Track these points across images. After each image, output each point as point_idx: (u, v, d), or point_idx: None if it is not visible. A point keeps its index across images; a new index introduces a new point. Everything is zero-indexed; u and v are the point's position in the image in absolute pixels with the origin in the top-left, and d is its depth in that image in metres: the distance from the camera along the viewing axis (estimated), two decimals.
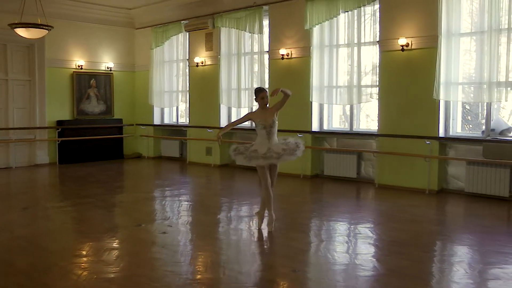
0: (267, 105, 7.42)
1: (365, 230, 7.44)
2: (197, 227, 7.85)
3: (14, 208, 9.09)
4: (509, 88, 9.21)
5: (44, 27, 11.56)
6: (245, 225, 7.83)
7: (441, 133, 10.20)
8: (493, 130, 9.79)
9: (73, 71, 15.33)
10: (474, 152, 9.91)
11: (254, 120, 7.40)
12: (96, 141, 15.59)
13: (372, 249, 6.56)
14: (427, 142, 10.21)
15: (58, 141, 14.86)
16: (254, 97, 7.49)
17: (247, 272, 5.63)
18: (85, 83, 15.61)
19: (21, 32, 11.54)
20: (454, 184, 10.34)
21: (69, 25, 15.06)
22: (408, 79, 10.47)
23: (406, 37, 10.37)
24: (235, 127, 9.29)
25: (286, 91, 7.20)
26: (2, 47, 14.09)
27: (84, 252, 6.40)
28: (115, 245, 6.79)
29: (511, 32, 9.10)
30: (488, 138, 9.73)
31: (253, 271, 5.66)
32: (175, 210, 8.97)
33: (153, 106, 16.26)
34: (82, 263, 5.93)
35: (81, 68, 15.45)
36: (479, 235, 7.31)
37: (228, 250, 6.66)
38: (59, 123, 14.97)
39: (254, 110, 7.54)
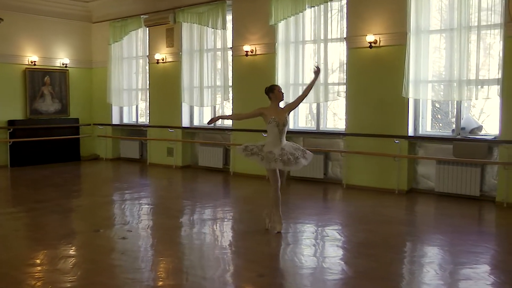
0: (277, 104, 7.44)
1: (333, 232, 7.49)
2: (159, 232, 7.78)
3: None
4: (479, 86, 9.41)
5: None
6: (209, 229, 7.81)
7: (411, 132, 10.36)
8: (463, 128, 9.99)
9: (26, 68, 15.03)
10: (444, 151, 10.09)
11: (267, 117, 7.34)
12: (51, 142, 15.31)
13: (340, 252, 6.61)
14: (396, 141, 10.36)
15: (10, 142, 14.54)
16: (269, 94, 7.47)
17: (211, 277, 5.60)
18: (39, 80, 15.32)
19: None
20: (424, 184, 10.51)
21: (21, 18, 14.74)
22: (377, 77, 10.60)
23: (374, 34, 10.49)
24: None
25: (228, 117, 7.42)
26: None
27: (38, 261, 6.26)
28: (71, 252, 6.67)
29: (481, 29, 9.31)
30: (459, 137, 9.92)
31: (218, 277, 5.63)
32: (135, 214, 8.88)
33: (112, 105, 16.06)
34: (36, 272, 5.79)
35: (34, 65, 15.15)
36: (449, 235, 7.44)
37: (191, 255, 6.62)
38: (11, 123, 14.66)
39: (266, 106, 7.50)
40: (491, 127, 10.26)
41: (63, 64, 15.86)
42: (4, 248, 6.84)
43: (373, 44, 10.51)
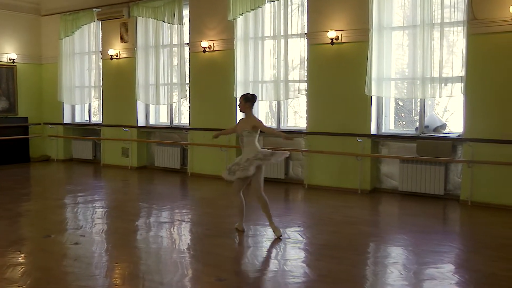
0: (251, 113, 7.51)
1: (295, 234, 7.55)
2: (113, 236, 7.70)
3: None
4: (443, 84, 9.62)
5: None
6: (166, 232, 7.76)
7: (373, 131, 10.51)
8: (427, 127, 10.18)
9: None
10: (408, 150, 10.28)
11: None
12: None
13: (302, 254, 6.66)
14: (359, 140, 10.49)
15: None
16: (251, 103, 7.52)
17: (169, 282, 5.57)
18: None
19: None
20: (387, 183, 10.68)
21: None
22: (338, 74, 10.71)
23: (335, 30, 10.59)
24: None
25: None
26: None
27: None
28: (20, 260, 6.53)
29: (444, 26, 9.51)
30: (422, 135, 10.11)
31: (175, 282, 5.60)
32: (89, 218, 8.75)
33: (63, 103, 15.82)
34: None
35: None
36: (413, 235, 7.58)
37: (147, 259, 6.56)
38: None
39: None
40: (455, 125, 10.49)
41: (10, 60, 15.52)
42: None
43: (334, 41, 10.62)
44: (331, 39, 10.60)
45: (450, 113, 11.61)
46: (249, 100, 7.46)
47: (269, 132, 7.89)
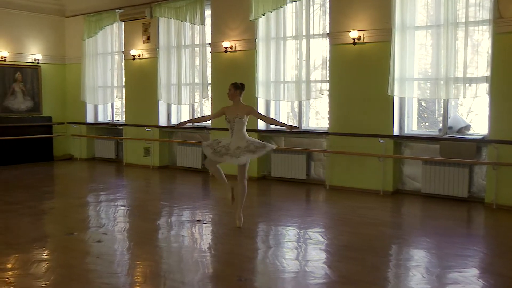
0: (239, 101, 7.98)
1: (316, 234, 7.50)
2: (135, 235, 7.73)
3: None
4: (467, 84, 9.47)
5: None
6: (187, 231, 7.79)
7: (396, 131, 10.42)
8: (450, 128, 10.06)
9: None
10: (431, 151, 10.16)
11: (226, 114, 7.97)
12: (23, 142, 15.15)
13: (323, 255, 6.63)
14: (381, 141, 10.40)
15: None
16: (240, 90, 8.08)
17: (190, 282, 5.58)
18: (10, 77, 15.15)
19: None
20: (410, 185, 10.58)
21: None
22: (361, 75, 10.64)
23: (358, 30, 10.52)
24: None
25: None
26: None
27: (9, 265, 6.18)
28: (44, 256, 6.61)
29: (469, 25, 9.37)
30: (446, 136, 9.99)
31: (197, 281, 5.60)
32: (111, 217, 8.81)
33: (86, 102, 15.94)
34: (7, 277, 5.72)
35: (5, 60, 14.98)
36: (437, 237, 7.48)
37: (169, 258, 6.59)
38: None
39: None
40: (479, 126, 10.36)
41: (35, 60, 15.69)
42: None
43: (357, 41, 10.55)
44: (353, 39, 10.54)
45: (474, 114, 11.47)
46: (238, 88, 7.97)
47: (264, 119, 8.26)
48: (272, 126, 11.93)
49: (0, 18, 14.89)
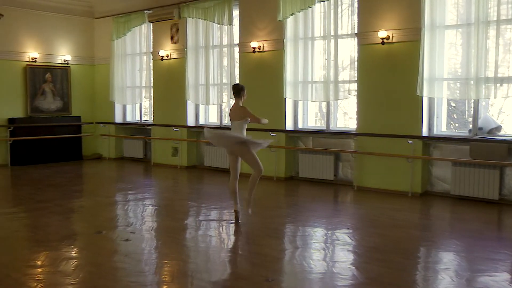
0: (240, 102, 8.21)
1: (343, 236, 7.46)
2: (163, 234, 7.78)
3: None
4: (498, 84, 9.32)
5: None
6: (215, 231, 7.81)
7: (425, 132, 10.31)
8: (480, 128, 9.91)
9: (26, 64, 15.08)
10: (461, 152, 10.03)
11: (229, 113, 8.28)
12: (52, 141, 15.38)
13: (351, 256, 6.59)
14: (410, 142, 10.31)
15: (10, 141, 14.60)
16: (242, 92, 8.25)
17: (217, 281, 5.60)
18: (40, 77, 15.36)
19: None
20: (439, 186, 10.45)
21: (21, 13, 14.81)
22: (389, 75, 10.56)
23: (386, 30, 10.45)
24: None
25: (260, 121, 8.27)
26: None
27: (39, 262, 6.29)
28: (73, 254, 6.69)
29: (500, 24, 9.23)
30: (476, 137, 9.84)
31: (224, 281, 5.63)
32: (139, 216, 8.88)
33: (115, 102, 16.10)
34: (37, 274, 5.82)
35: (35, 61, 15.20)
36: (466, 240, 7.38)
37: (196, 258, 6.61)
38: (11, 121, 14.71)
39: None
40: (510, 127, 10.18)
41: (64, 61, 15.90)
42: (5, 250, 6.88)
43: (385, 40, 10.47)
44: (382, 39, 10.46)
45: (505, 115, 11.29)
46: (236, 89, 8.21)
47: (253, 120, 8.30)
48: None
49: (31, 20, 15.12)
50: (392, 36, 10.43)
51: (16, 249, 6.94)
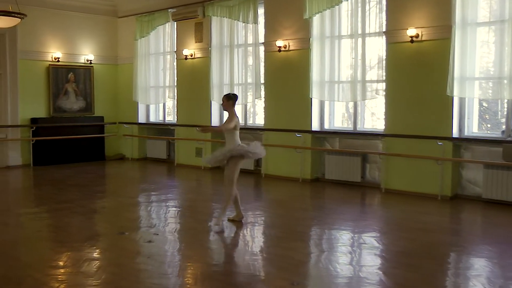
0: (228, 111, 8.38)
1: (371, 239, 7.41)
2: (186, 235, 7.81)
3: None
4: None
5: (16, 15, 11.43)
6: (239, 233, 7.81)
7: (455, 133, 10.18)
8: None
9: (49, 64, 15.25)
10: (493, 154, 9.89)
11: None
12: (75, 141, 15.52)
13: (378, 261, 6.54)
14: (439, 143, 10.19)
15: (33, 140, 14.78)
16: (224, 103, 8.40)
17: (241, 285, 5.61)
18: (63, 77, 15.52)
19: None
20: (470, 190, 10.31)
21: (44, 13, 14.98)
22: (418, 74, 10.45)
23: (415, 27, 10.35)
24: None
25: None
26: None
27: (61, 263, 6.35)
28: (95, 255, 6.75)
29: None
30: (509, 138, 9.70)
31: (248, 284, 5.62)
32: (162, 217, 8.93)
33: (138, 102, 16.21)
34: (59, 275, 5.88)
35: (58, 61, 15.36)
36: (499, 246, 7.26)
37: (220, 260, 6.64)
38: (34, 121, 14.89)
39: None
40: None
41: (87, 61, 16.05)
42: (27, 250, 6.98)
43: (414, 39, 10.37)
44: (411, 37, 10.36)
45: None
46: (231, 98, 8.30)
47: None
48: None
49: (54, 19, 15.29)
50: (422, 34, 10.33)
51: (38, 249, 7.03)
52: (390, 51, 10.85)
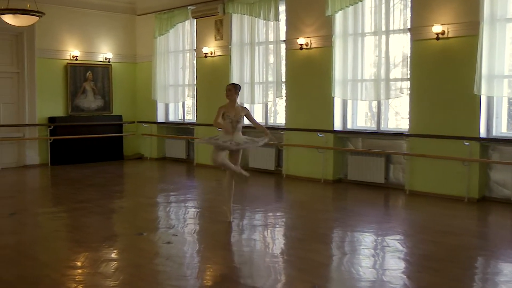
0: (236, 102, 8.57)
1: (394, 242, 7.35)
2: (206, 237, 7.82)
3: (0, 214, 9.12)
4: None
5: (34, 13, 11.57)
6: (259, 235, 7.81)
7: (483, 133, 10.07)
8: None
9: (67, 63, 15.39)
10: None
11: (225, 113, 8.43)
12: (93, 140, 15.65)
13: (402, 264, 6.49)
14: (466, 144, 10.08)
15: (50, 139, 14.93)
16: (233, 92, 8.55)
17: (262, 287, 5.58)
18: (81, 75, 15.66)
19: (8, 19, 11.55)
20: (498, 192, 10.19)
21: (62, 11, 15.12)
22: (444, 72, 10.37)
23: (441, 24, 10.25)
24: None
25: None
26: None
27: (78, 263, 6.40)
28: (113, 255, 6.79)
29: None
30: None
31: (268, 287, 5.60)
32: (181, 218, 8.96)
33: (157, 101, 16.28)
34: (77, 275, 5.92)
35: (76, 59, 15.50)
36: None
37: (240, 262, 6.62)
38: (51, 120, 15.05)
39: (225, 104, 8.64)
40: None
41: (106, 59, 16.17)
42: (45, 249, 7.05)
43: (440, 36, 10.28)
44: (437, 34, 10.27)
45: None
46: (238, 89, 8.58)
47: (254, 122, 8.95)
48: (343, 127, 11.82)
49: (72, 17, 15.41)
50: (448, 31, 10.23)
51: (56, 249, 7.09)
52: (415, 48, 10.77)
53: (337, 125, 12.13)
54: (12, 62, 14.62)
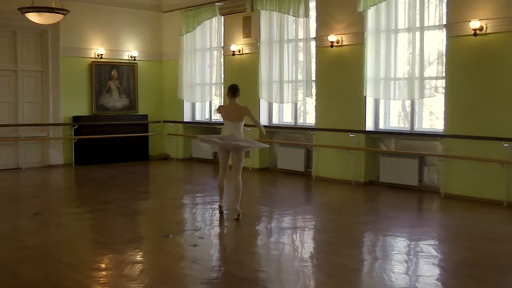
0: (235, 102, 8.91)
1: (428, 247, 7.29)
2: (233, 240, 7.85)
3: (24, 214, 9.27)
4: None
5: (58, 11, 11.68)
6: (288, 239, 7.80)
7: None
8: None
9: (92, 61, 15.55)
10: None
11: (223, 113, 8.91)
12: (118, 140, 15.78)
13: (436, 271, 6.43)
14: (505, 145, 9.94)
15: (75, 139, 15.08)
16: (233, 93, 8.93)
17: None
18: (106, 74, 15.81)
19: (33, 17, 11.68)
20: None
21: (87, 8, 15.27)
22: (482, 70, 10.24)
23: (479, 19, 10.13)
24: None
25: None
26: (11, 34, 14.32)
27: (103, 265, 6.47)
28: (138, 258, 6.84)
29: None
30: None
31: None
32: (207, 220, 9.00)
33: (183, 100, 16.35)
34: (101, 277, 5.98)
35: (101, 58, 15.65)
36: None
37: (267, 266, 6.62)
38: (76, 119, 15.21)
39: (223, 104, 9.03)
40: None
41: (131, 57, 16.28)
42: (69, 250, 7.13)
43: (478, 32, 10.15)
44: (474, 30, 10.15)
45: None
46: (238, 90, 8.94)
47: (254, 121, 9.29)
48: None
49: (97, 15, 15.56)
50: (486, 27, 10.10)
51: (80, 250, 7.17)
52: (450, 45, 10.66)
53: (369, 125, 12.06)
54: (36, 61, 14.80)
